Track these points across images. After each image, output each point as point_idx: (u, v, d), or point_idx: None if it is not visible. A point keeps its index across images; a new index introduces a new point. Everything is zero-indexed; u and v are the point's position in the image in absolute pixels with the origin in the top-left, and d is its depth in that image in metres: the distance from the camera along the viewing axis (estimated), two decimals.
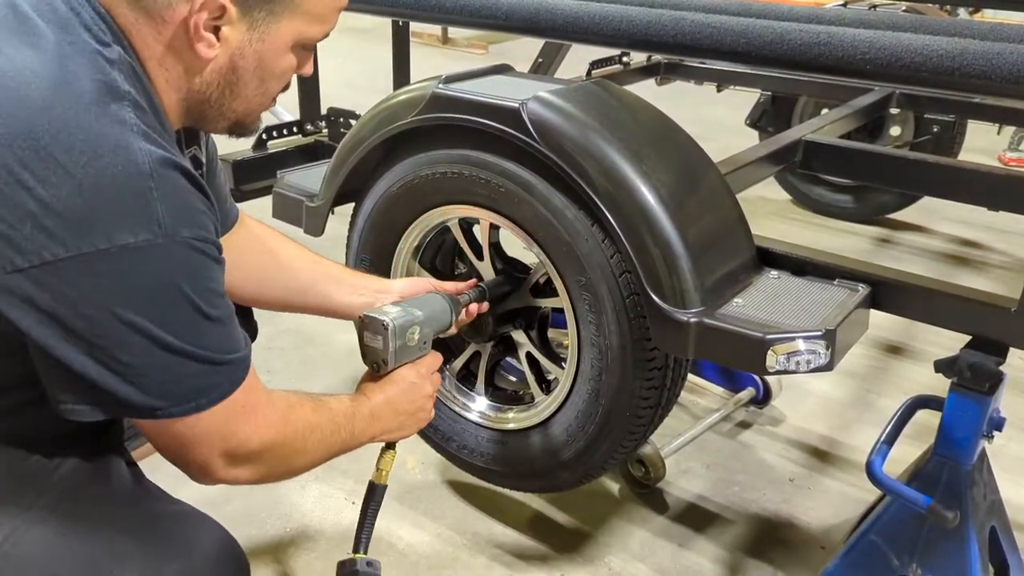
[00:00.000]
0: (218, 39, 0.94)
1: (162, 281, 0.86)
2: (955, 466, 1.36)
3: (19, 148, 0.81)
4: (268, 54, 0.99)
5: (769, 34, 1.32)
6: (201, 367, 0.91)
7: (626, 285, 1.38)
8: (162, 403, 0.90)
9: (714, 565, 1.71)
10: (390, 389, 1.25)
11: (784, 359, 1.26)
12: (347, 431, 1.15)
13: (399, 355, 1.26)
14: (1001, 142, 4.29)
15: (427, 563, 1.69)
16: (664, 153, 1.44)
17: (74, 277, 0.82)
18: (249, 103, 1.03)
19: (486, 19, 1.63)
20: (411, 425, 1.29)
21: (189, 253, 0.88)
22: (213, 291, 0.92)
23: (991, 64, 1.17)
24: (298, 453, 1.07)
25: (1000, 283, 3.07)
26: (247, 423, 0.98)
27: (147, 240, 0.84)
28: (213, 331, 0.92)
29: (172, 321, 0.87)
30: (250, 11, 0.95)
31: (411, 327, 1.26)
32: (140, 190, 0.84)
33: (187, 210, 0.88)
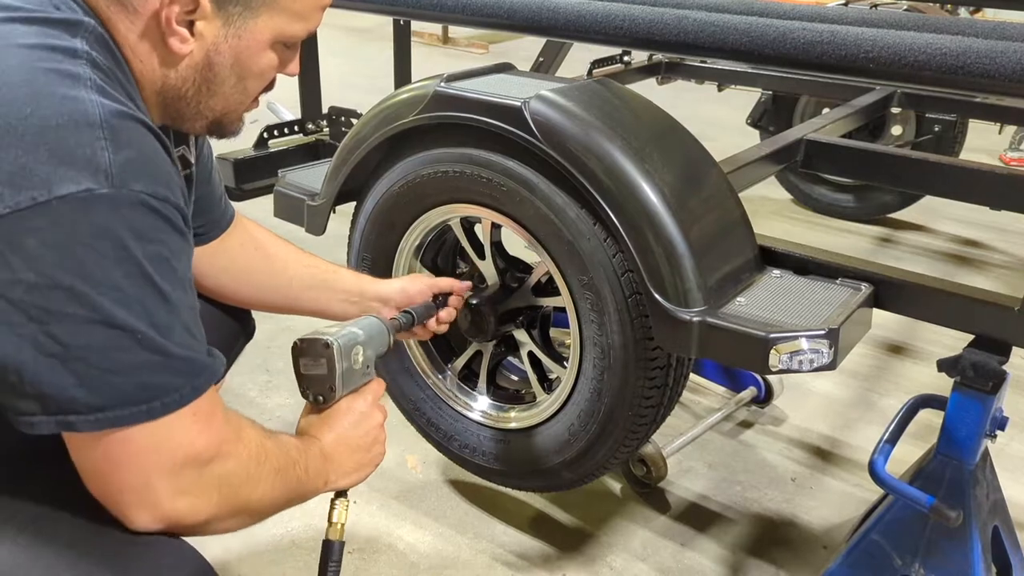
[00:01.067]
0: (192, 34, 0.91)
1: (106, 235, 0.77)
2: (958, 465, 1.36)
3: None
4: (246, 51, 0.95)
5: (772, 32, 1.32)
6: (151, 357, 0.80)
7: (628, 284, 1.38)
8: (108, 400, 0.79)
9: (716, 565, 1.71)
10: (339, 424, 1.08)
11: (787, 358, 1.25)
12: (301, 467, 1.00)
13: (346, 380, 1.10)
14: (1002, 142, 4.28)
15: (428, 563, 1.69)
16: (666, 152, 1.44)
17: (10, 235, 0.75)
18: (227, 101, 0.99)
19: (487, 18, 1.62)
20: (368, 464, 1.12)
21: (141, 209, 0.79)
22: (167, 261, 0.82)
23: (994, 63, 1.17)
24: (251, 481, 0.93)
25: (1002, 282, 3.07)
26: (200, 435, 0.86)
27: (88, 189, 0.76)
28: (165, 311, 0.81)
29: (116, 285, 0.78)
30: (225, 6, 0.91)
31: (354, 347, 1.11)
32: (86, 140, 0.78)
33: (145, 164, 0.81)
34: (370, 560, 1.67)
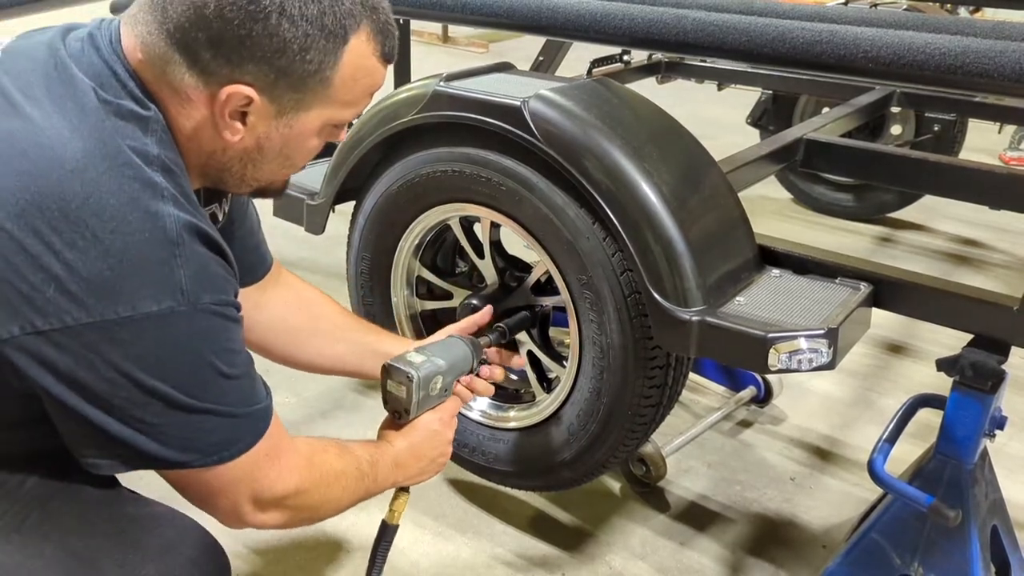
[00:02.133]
0: (244, 125, 0.94)
1: (183, 347, 0.87)
2: (957, 465, 1.36)
3: (49, 210, 0.80)
4: (296, 138, 0.98)
5: (771, 32, 1.32)
6: (222, 421, 0.92)
7: (628, 284, 1.38)
8: (186, 457, 0.91)
9: (715, 564, 1.71)
10: (413, 436, 1.24)
11: (786, 358, 1.26)
12: (371, 478, 1.15)
13: (421, 405, 1.25)
14: (1002, 141, 4.28)
15: (427, 561, 1.69)
16: (666, 151, 1.44)
17: (95, 342, 0.82)
18: (273, 175, 1.03)
19: (487, 17, 1.62)
20: (431, 470, 1.28)
21: (210, 318, 0.88)
22: (232, 350, 0.92)
23: (994, 62, 1.17)
24: (324, 499, 1.07)
25: (1001, 282, 3.07)
26: (271, 469, 0.99)
27: (170, 308, 0.84)
28: (233, 388, 0.93)
29: (192, 384, 0.88)
30: (279, 100, 0.93)
31: (435, 377, 1.25)
32: (165, 257, 0.84)
33: (208, 275, 0.88)
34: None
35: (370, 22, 0.95)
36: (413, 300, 1.77)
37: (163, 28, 0.89)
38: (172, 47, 0.89)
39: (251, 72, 0.89)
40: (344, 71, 0.94)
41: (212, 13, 0.86)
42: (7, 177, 0.81)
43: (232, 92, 0.90)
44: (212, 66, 0.89)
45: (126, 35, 0.92)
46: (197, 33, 0.87)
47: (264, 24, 0.87)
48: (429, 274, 1.74)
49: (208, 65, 0.89)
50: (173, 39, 0.88)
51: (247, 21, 0.87)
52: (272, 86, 0.91)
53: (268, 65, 0.89)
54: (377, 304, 1.78)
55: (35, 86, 0.88)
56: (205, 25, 0.87)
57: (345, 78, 0.95)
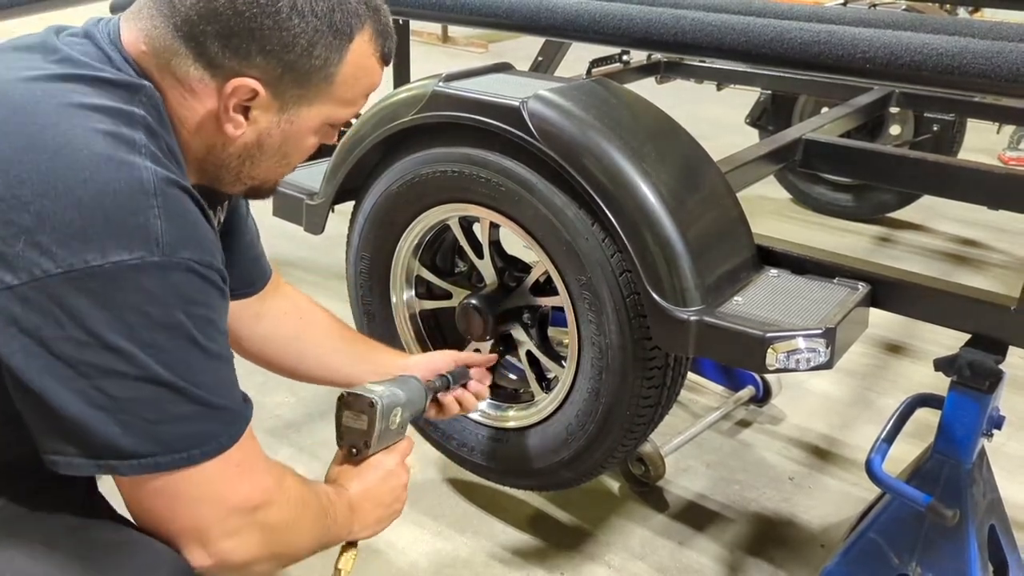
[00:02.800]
0: (247, 119, 0.94)
1: (155, 302, 0.81)
2: (955, 464, 1.36)
3: (20, 163, 0.79)
4: (295, 135, 0.99)
5: (769, 32, 1.32)
6: (194, 408, 0.84)
7: (626, 284, 1.38)
8: (151, 448, 0.82)
9: (714, 563, 1.71)
10: (368, 478, 1.13)
11: (784, 357, 1.26)
12: (331, 518, 1.05)
13: (382, 438, 1.15)
14: (1001, 141, 4.28)
15: (426, 561, 1.69)
16: (664, 151, 1.44)
17: (62, 295, 0.77)
18: (268, 173, 1.03)
19: (486, 17, 1.63)
20: (386, 519, 1.17)
21: (188, 275, 0.83)
22: (212, 322, 0.86)
23: (991, 63, 1.17)
24: (294, 527, 0.97)
25: (1000, 282, 3.07)
26: (243, 483, 0.90)
27: (141, 257, 0.79)
28: (208, 368, 0.85)
29: (162, 348, 0.81)
30: (282, 95, 0.94)
31: (395, 408, 1.17)
32: (141, 207, 0.81)
33: (192, 232, 0.85)
34: (369, 559, 1.68)
35: (372, 23, 0.96)
36: (412, 300, 1.77)
37: (170, 21, 0.89)
38: (179, 39, 0.89)
39: (258, 65, 0.90)
40: (347, 69, 0.95)
41: (223, 5, 0.87)
42: None
43: (238, 85, 0.90)
44: (219, 58, 0.89)
45: (127, 30, 0.92)
46: (206, 25, 0.87)
47: (275, 18, 0.88)
48: (428, 274, 1.74)
49: (215, 57, 0.89)
50: (180, 31, 0.88)
51: (259, 14, 0.87)
52: (278, 80, 0.92)
53: (276, 59, 0.90)
54: (376, 304, 1.78)
55: (16, 61, 0.88)
56: (215, 17, 0.87)
57: (347, 76, 0.96)
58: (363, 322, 1.81)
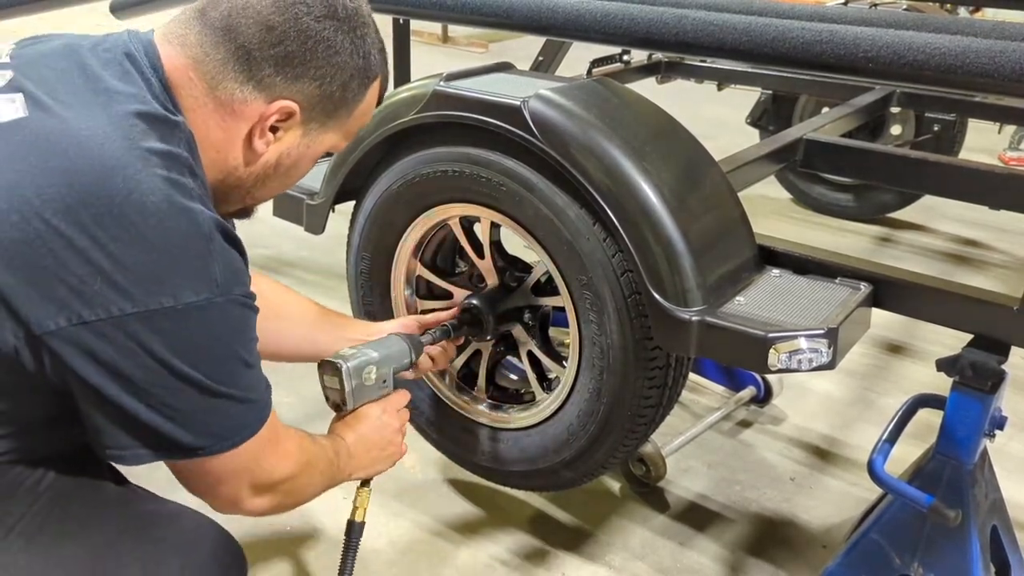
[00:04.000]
0: (275, 138, 1.02)
1: (217, 336, 0.92)
2: (957, 465, 1.36)
3: (94, 206, 0.84)
4: (306, 158, 1.08)
5: (771, 31, 1.32)
6: (239, 406, 0.96)
7: (627, 284, 1.38)
8: (206, 442, 0.95)
9: (715, 564, 1.71)
10: (359, 427, 1.30)
11: (786, 357, 1.25)
12: (336, 466, 1.21)
13: (357, 395, 1.30)
14: (1002, 141, 4.28)
15: (427, 561, 1.69)
16: (666, 151, 1.44)
17: (137, 332, 0.86)
18: (267, 194, 1.11)
19: (487, 16, 1.62)
20: (384, 460, 1.33)
21: (240, 309, 0.94)
22: (253, 339, 0.98)
23: (994, 62, 1.17)
24: (308, 482, 1.13)
25: (1001, 282, 3.07)
26: (271, 455, 1.04)
27: (207, 299, 0.89)
28: (251, 375, 0.98)
29: (221, 372, 0.93)
30: (310, 120, 1.03)
31: (366, 367, 1.30)
32: (202, 251, 0.89)
33: (235, 269, 0.94)
34: (370, 558, 1.67)
35: (383, 72, 1.09)
36: (413, 300, 1.77)
37: (224, 46, 0.96)
38: (231, 61, 0.96)
39: (302, 90, 0.99)
40: (361, 107, 1.07)
41: (283, 35, 0.96)
42: (52, 175, 0.85)
43: (282, 106, 0.98)
44: (268, 80, 0.97)
45: (171, 55, 0.97)
46: (264, 51, 0.96)
47: (327, 51, 0.98)
48: (429, 274, 1.74)
49: (265, 79, 0.97)
50: (236, 56, 0.96)
51: (315, 46, 0.97)
52: (312, 106, 1.01)
53: (318, 87, 1.00)
54: (377, 304, 1.78)
55: (62, 92, 0.92)
56: (277, 44, 0.96)
57: (359, 113, 1.08)
58: None
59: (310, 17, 0.97)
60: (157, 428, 0.91)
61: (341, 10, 1.00)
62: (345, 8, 1.00)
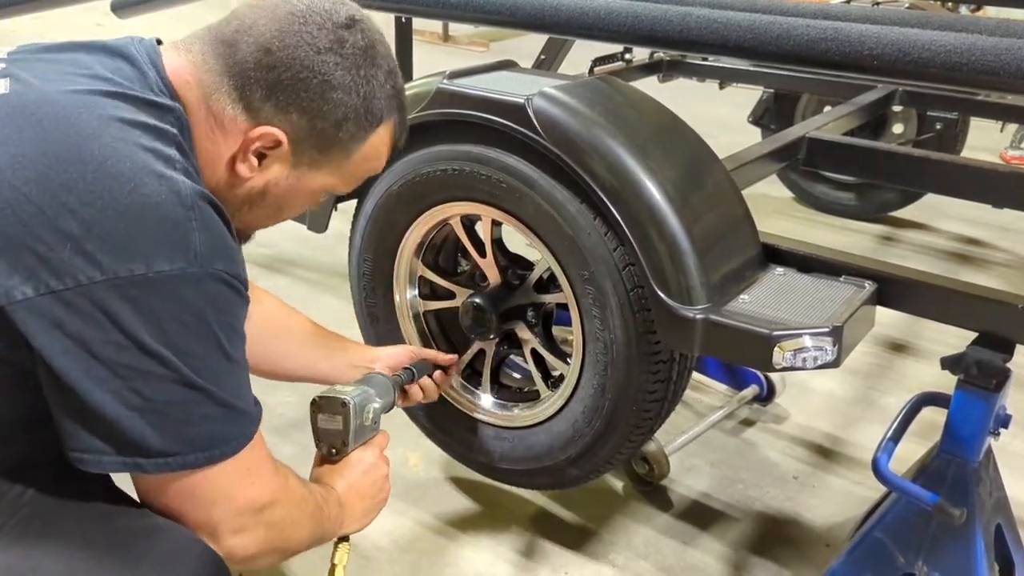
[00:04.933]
0: (260, 165, 0.99)
1: (191, 311, 0.86)
2: (962, 463, 1.36)
3: (67, 173, 0.82)
4: (298, 193, 1.04)
5: (775, 29, 1.32)
6: (218, 410, 0.90)
7: (630, 278, 1.38)
8: (177, 447, 0.88)
9: (718, 563, 1.71)
10: (350, 474, 1.20)
11: (791, 356, 1.25)
12: (326, 513, 1.11)
13: (357, 436, 1.21)
14: (1004, 140, 4.28)
15: (430, 560, 1.68)
16: (670, 149, 1.44)
17: (106, 301, 0.82)
18: (258, 222, 1.07)
19: (490, 15, 1.62)
20: (373, 510, 1.23)
21: (220, 286, 0.89)
22: (235, 330, 0.92)
23: (999, 60, 1.17)
24: (294, 524, 1.04)
25: (1003, 280, 3.07)
26: (254, 483, 0.96)
27: (182, 268, 0.84)
28: (231, 372, 0.92)
29: (195, 354, 0.87)
30: (301, 153, 0.99)
31: (367, 405, 1.23)
32: (180, 219, 0.85)
33: (222, 244, 0.89)
34: (372, 557, 1.67)
35: (398, 115, 1.05)
36: (416, 300, 1.76)
37: (224, 60, 0.95)
38: (227, 78, 0.95)
39: (291, 121, 0.96)
40: (364, 150, 1.03)
41: (281, 60, 0.94)
42: (26, 144, 0.83)
43: (266, 132, 0.96)
44: (258, 104, 0.95)
45: (173, 57, 0.97)
46: (259, 73, 0.94)
47: (322, 86, 0.95)
48: (431, 274, 1.74)
49: (254, 102, 0.95)
50: (231, 72, 0.94)
51: (309, 79, 0.95)
52: (302, 140, 0.98)
53: (308, 122, 0.97)
54: (380, 305, 1.77)
55: (49, 73, 0.91)
56: (271, 70, 0.94)
57: (361, 156, 1.04)
58: (367, 324, 1.81)
59: (312, 48, 0.95)
60: (122, 424, 0.84)
61: (349, 47, 0.97)
62: (354, 45, 0.98)
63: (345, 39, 0.97)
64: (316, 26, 0.96)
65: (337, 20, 0.97)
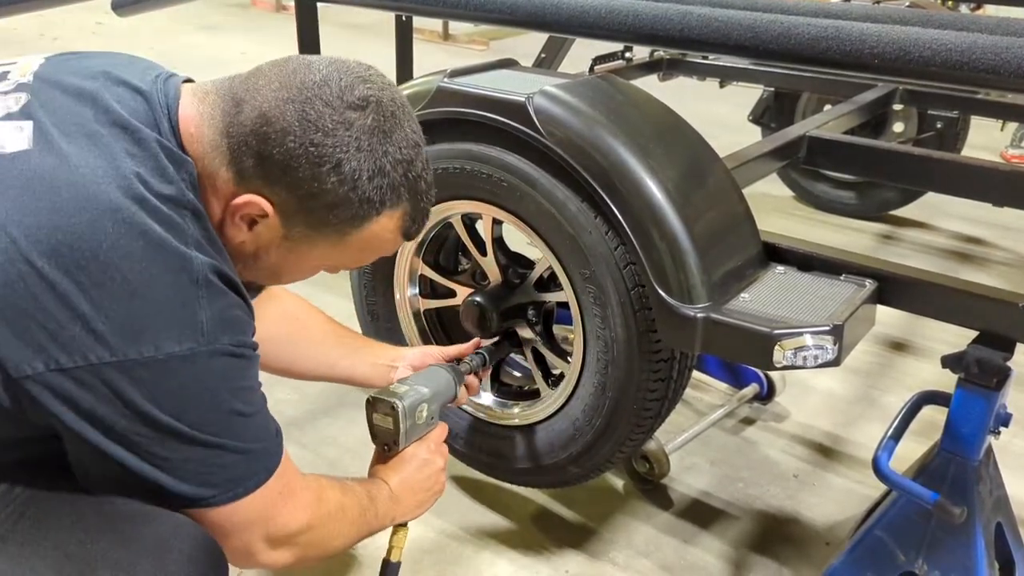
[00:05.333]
0: (251, 230, 0.96)
1: (201, 387, 0.89)
2: (962, 462, 1.36)
3: (79, 250, 0.82)
4: (292, 262, 1.02)
5: (776, 28, 1.32)
6: (237, 457, 0.93)
7: (630, 276, 1.38)
8: (204, 492, 0.92)
9: (718, 561, 1.71)
10: (404, 469, 1.25)
11: (791, 354, 1.25)
12: (372, 513, 1.16)
13: (409, 435, 1.25)
14: (1004, 138, 4.28)
15: (431, 559, 1.68)
16: (670, 148, 1.44)
17: (116, 380, 0.84)
18: (258, 279, 1.07)
19: (491, 13, 1.62)
20: (428, 501, 1.29)
21: (227, 360, 0.90)
22: (248, 388, 0.95)
23: (1000, 58, 1.16)
24: (332, 534, 1.08)
25: (1004, 279, 3.06)
26: (285, 507, 1.00)
27: (190, 349, 0.86)
28: (247, 425, 0.94)
29: (208, 423, 0.90)
30: (291, 227, 0.96)
31: (419, 405, 1.26)
32: (188, 300, 0.86)
33: (228, 317, 0.90)
34: (372, 556, 1.67)
35: (409, 205, 0.99)
36: (416, 299, 1.76)
37: (226, 120, 0.93)
38: (225, 138, 0.92)
39: (279, 195, 0.93)
40: (362, 235, 0.98)
41: (276, 132, 0.90)
42: (41, 214, 0.83)
43: (251, 200, 0.93)
44: (248, 172, 0.92)
45: (188, 105, 0.95)
46: (253, 140, 0.91)
47: (315, 169, 0.91)
48: (432, 273, 1.74)
49: (245, 170, 0.92)
50: (229, 133, 0.92)
51: (301, 157, 0.90)
52: (291, 215, 0.95)
53: (297, 199, 0.93)
54: (381, 304, 1.77)
55: (70, 123, 0.89)
56: (264, 140, 0.91)
57: (360, 240, 0.99)
58: (367, 322, 1.81)
59: (311, 127, 0.90)
60: (148, 476, 0.89)
61: (355, 130, 0.92)
62: (361, 129, 0.92)
63: (352, 121, 0.92)
64: (323, 103, 0.91)
65: (349, 99, 0.92)
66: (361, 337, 1.52)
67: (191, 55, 5.88)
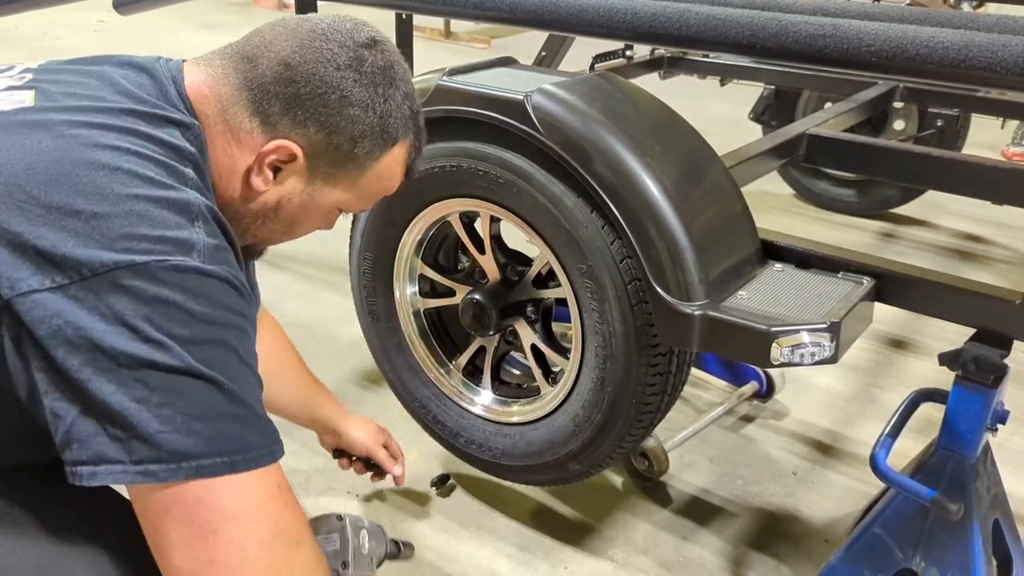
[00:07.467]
0: (275, 179, 1.00)
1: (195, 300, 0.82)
2: (959, 459, 1.36)
3: (76, 176, 0.83)
4: (311, 209, 1.05)
5: (774, 26, 1.32)
6: (234, 409, 0.83)
7: (627, 271, 1.38)
8: (192, 446, 0.80)
9: (717, 558, 1.71)
10: None
11: (789, 352, 1.26)
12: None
13: (357, 561, 1.22)
14: (1005, 136, 4.28)
15: (431, 556, 1.69)
16: (669, 146, 1.44)
17: (106, 292, 0.80)
18: (271, 237, 1.08)
19: (491, 11, 1.62)
20: None
21: (227, 287, 0.86)
22: (244, 332, 0.88)
23: (997, 56, 1.16)
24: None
25: (1004, 277, 3.06)
26: (287, 506, 0.87)
27: (183, 260, 0.83)
28: (245, 375, 0.86)
29: (201, 345, 0.82)
30: (315, 168, 1.01)
31: (361, 530, 1.27)
32: (185, 223, 0.85)
33: (227, 256, 0.89)
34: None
35: (413, 137, 1.07)
36: (416, 298, 1.77)
37: (243, 75, 0.97)
38: (244, 91, 0.96)
39: (307, 136, 0.97)
40: (378, 168, 1.04)
41: (300, 76, 0.96)
42: (44, 153, 0.85)
43: (281, 145, 0.97)
44: (275, 117, 0.96)
45: (193, 72, 0.99)
46: (277, 87, 0.96)
47: (340, 102, 0.97)
48: (431, 271, 1.74)
49: (272, 116, 0.96)
50: (250, 85, 0.96)
51: (327, 94, 0.96)
52: (318, 155, 0.99)
53: (325, 136, 0.98)
54: (380, 303, 1.78)
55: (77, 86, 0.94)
56: (289, 84, 0.96)
57: (375, 174, 1.05)
58: (368, 322, 1.81)
59: (331, 65, 0.97)
60: (128, 416, 0.78)
61: (368, 65, 0.99)
62: (373, 64, 0.99)
63: (365, 58, 0.99)
64: (337, 44, 0.98)
65: (358, 39, 1.00)
66: (322, 391, 1.59)
67: (192, 53, 5.83)
